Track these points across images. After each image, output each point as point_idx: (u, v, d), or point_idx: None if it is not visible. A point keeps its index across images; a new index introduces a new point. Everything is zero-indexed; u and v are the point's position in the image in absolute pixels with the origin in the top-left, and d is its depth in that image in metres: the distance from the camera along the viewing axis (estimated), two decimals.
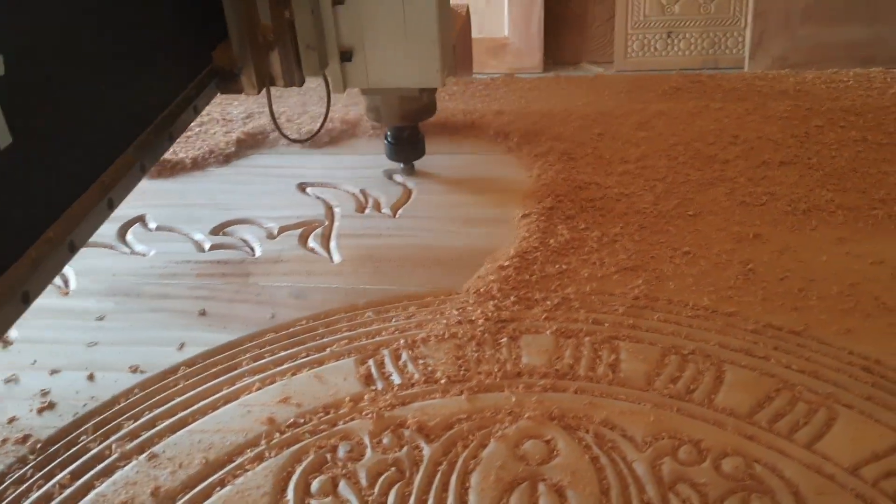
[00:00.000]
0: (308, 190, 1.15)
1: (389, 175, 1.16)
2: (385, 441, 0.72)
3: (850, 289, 0.87)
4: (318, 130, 1.13)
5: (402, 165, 1.15)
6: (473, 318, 0.85)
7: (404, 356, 0.81)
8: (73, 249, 0.63)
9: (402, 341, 0.83)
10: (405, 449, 0.71)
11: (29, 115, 0.57)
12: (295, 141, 1.08)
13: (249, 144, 1.27)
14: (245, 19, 0.86)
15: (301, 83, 0.95)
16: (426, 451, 0.71)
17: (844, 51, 3.15)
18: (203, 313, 0.89)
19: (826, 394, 0.74)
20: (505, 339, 0.83)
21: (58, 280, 0.96)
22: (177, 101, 0.81)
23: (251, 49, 0.88)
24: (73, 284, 0.97)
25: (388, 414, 0.74)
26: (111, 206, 0.69)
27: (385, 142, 1.13)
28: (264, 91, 0.92)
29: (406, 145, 1.13)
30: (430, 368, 0.80)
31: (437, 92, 1.13)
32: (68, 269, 0.97)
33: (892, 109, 1.24)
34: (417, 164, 1.15)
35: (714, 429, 0.71)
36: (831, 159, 1.11)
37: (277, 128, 1.04)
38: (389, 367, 0.80)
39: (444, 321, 0.85)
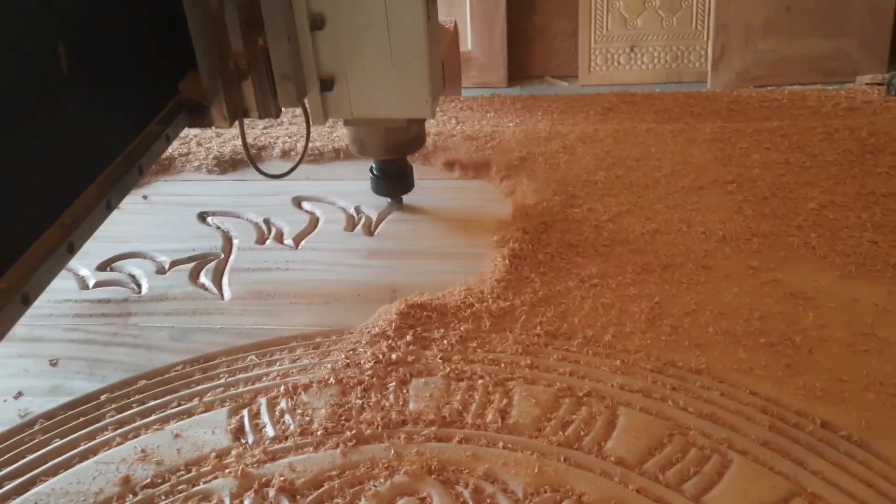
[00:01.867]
0: (209, 219, 1.09)
1: (298, 203, 1.11)
2: (246, 502, 0.66)
3: (758, 323, 0.83)
4: (297, 165, 1.02)
5: (388, 200, 1.08)
6: (362, 360, 0.80)
7: (283, 404, 0.76)
8: (26, 302, 0.58)
9: (282, 388, 0.78)
10: None
11: None
12: (270, 177, 0.98)
13: (154, 171, 1.21)
14: (214, 46, 0.80)
15: (277, 115, 0.88)
16: None
17: (807, 64, 3.15)
18: (55, 364, 0.83)
19: (720, 438, 0.70)
20: (393, 384, 0.78)
21: None
22: (143, 135, 0.76)
23: (221, 79, 0.81)
24: None
25: (255, 471, 0.69)
26: (71, 251, 0.64)
27: (371, 175, 1.06)
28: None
29: (393, 179, 1.05)
30: (307, 418, 0.74)
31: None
32: None
33: (819, 130, 1.21)
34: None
35: (600, 480, 0.67)
36: (752, 183, 1.08)
37: (253, 163, 0.95)
38: (264, 418, 0.75)
39: (330, 365, 0.80)
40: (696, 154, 1.16)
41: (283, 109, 0.89)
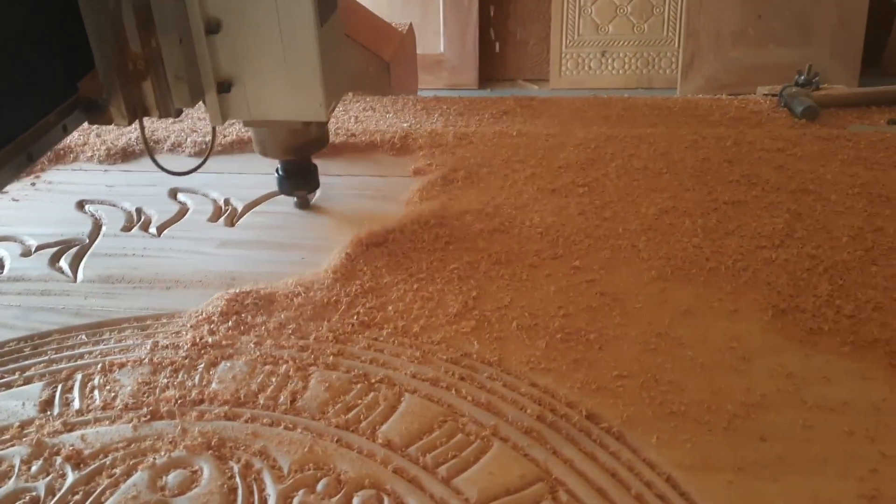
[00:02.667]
0: (86, 207, 1.14)
1: (174, 194, 1.16)
2: (34, 468, 0.71)
3: (562, 320, 0.87)
4: (201, 164, 1.03)
5: (295, 199, 1.11)
6: (181, 342, 0.85)
7: (95, 381, 0.81)
8: None
9: (98, 366, 0.83)
10: (49, 476, 0.70)
11: None
12: (174, 173, 0.99)
13: (50, 159, 1.27)
14: (112, 46, 0.82)
15: (178, 114, 0.89)
16: (69, 479, 0.70)
17: (776, 73, 3.16)
18: None
19: (489, 425, 0.74)
20: (203, 365, 0.83)
21: None
22: (38, 125, 0.79)
23: (119, 78, 0.83)
24: None
25: (50, 440, 0.74)
26: None
27: (276, 175, 1.08)
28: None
29: (297, 177, 1.08)
30: (113, 394, 0.79)
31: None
32: None
33: (687, 138, 1.25)
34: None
35: (364, 460, 0.71)
36: (603, 188, 1.12)
37: (153, 160, 0.96)
38: (75, 393, 0.80)
39: (150, 345, 0.85)
40: (562, 158, 1.20)
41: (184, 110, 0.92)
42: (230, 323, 0.88)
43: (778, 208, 1.04)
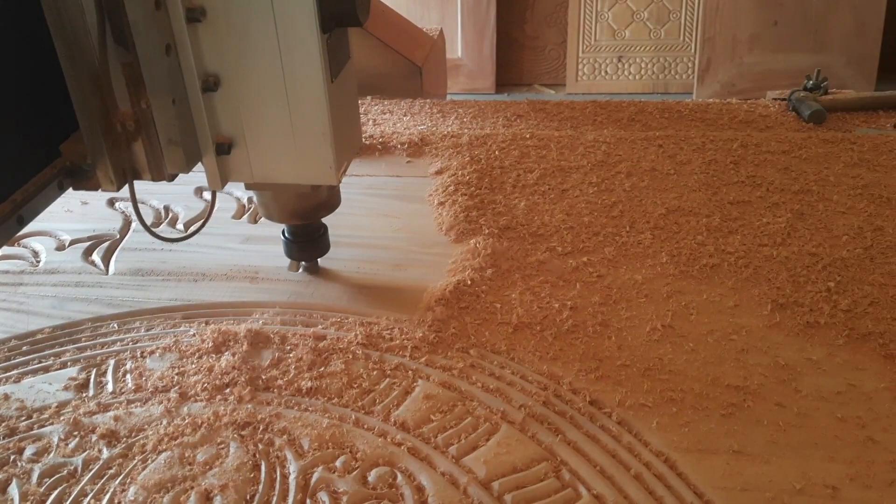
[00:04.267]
0: (116, 205, 1.20)
1: (199, 192, 1.21)
2: (70, 445, 0.76)
3: (569, 312, 0.91)
4: (199, 229, 0.96)
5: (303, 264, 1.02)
6: (207, 333, 0.90)
7: (128, 366, 0.86)
8: None
9: (129, 352, 0.88)
10: (85, 452, 0.75)
11: None
12: (167, 240, 0.93)
13: None
14: (97, 106, 0.74)
15: (172, 178, 0.81)
16: (104, 454, 0.75)
17: (791, 78, 3.19)
18: None
19: (497, 409, 0.78)
20: (229, 354, 0.87)
21: None
22: (30, 183, 0.73)
23: (106, 140, 0.75)
24: None
25: (86, 420, 0.79)
26: None
27: (282, 237, 0.99)
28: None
29: (306, 243, 0.98)
30: (144, 378, 0.84)
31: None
32: None
33: (695, 140, 1.29)
34: None
35: (378, 440, 0.76)
36: (611, 188, 1.16)
37: (145, 226, 0.86)
38: (108, 377, 0.85)
39: (174, 333, 0.90)
40: (572, 159, 1.24)
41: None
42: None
43: (781, 208, 1.08)
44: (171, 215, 1.16)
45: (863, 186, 1.11)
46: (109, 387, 0.84)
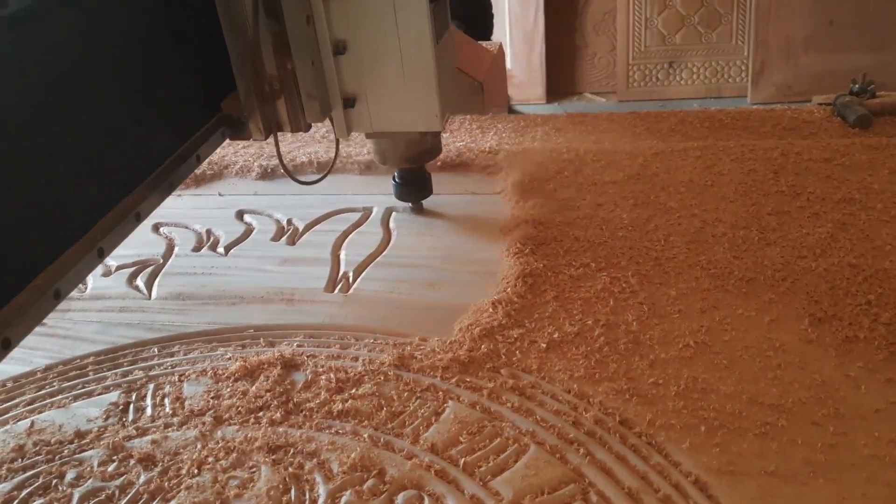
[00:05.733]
0: (161, 230, 1.23)
1: (240, 215, 1.24)
2: (110, 469, 0.79)
3: (602, 329, 0.90)
4: (326, 174, 1.13)
5: (409, 205, 1.21)
6: (242, 356, 0.92)
7: (166, 390, 0.89)
8: (57, 297, 0.67)
9: (168, 376, 0.90)
10: (122, 478, 0.78)
11: (22, 163, 0.62)
12: (303, 183, 1.08)
13: None
14: (251, 70, 0.92)
15: (307, 129, 1.00)
16: (142, 477, 0.77)
17: (849, 78, 3.12)
18: None
19: (526, 430, 0.78)
20: (263, 377, 0.89)
21: None
22: (178, 151, 0.88)
23: (257, 98, 0.94)
24: None
25: (128, 444, 0.81)
26: (101, 255, 0.74)
27: (393, 182, 1.19)
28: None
29: (413, 186, 1.18)
30: (180, 401, 0.86)
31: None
32: None
33: (734, 150, 1.27)
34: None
35: (407, 463, 0.76)
36: (646, 201, 1.15)
37: (286, 171, 1.04)
38: (147, 401, 0.87)
39: (211, 357, 0.92)
40: (608, 173, 1.23)
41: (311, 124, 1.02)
42: (301, 337, 0.95)
43: (822, 218, 1.05)
44: (212, 238, 1.19)
45: None
46: (148, 411, 0.86)
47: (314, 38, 0.95)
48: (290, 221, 1.22)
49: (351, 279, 1.06)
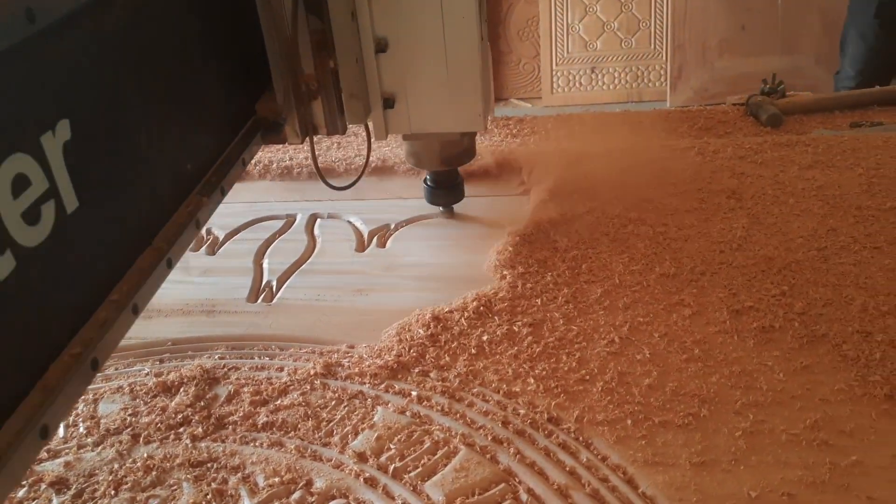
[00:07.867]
0: None
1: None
2: (19, 494, 0.75)
3: (529, 331, 0.90)
4: (358, 178, 1.08)
5: (441, 209, 1.17)
6: (160, 371, 0.89)
7: (80, 409, 0.85)
8: (136, 312, 0.63)
9: (90, 396, 0.86)
10: (35, 503, 0.74)
11: (88, 181, 0.58)
12: (336, 188, 1.04)
13: None
14: (289, 70, 0.87)
15: (344, 131, 0.95)
16: (54, 502, 0.74)
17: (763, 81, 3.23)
18: None
19: (456, 433, 0.78)
20: (183, 392, 0.86)
21: None
22: (224, 156, 0.82)
23: (294, 99, 0.89)
24: None
25: (38, 468, 0.78)
26: (170, 266, 0.70)
27: (424, 186, 1.14)
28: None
29: (446, 189, 1.14)
30: (95, 420, 0.83)
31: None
32: None
33: (653, 149, 1.29)
34: None
35: (335, 472, 0.75)
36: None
37: (321, 176, 1.00)
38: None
39: (127, 373, 0.89)
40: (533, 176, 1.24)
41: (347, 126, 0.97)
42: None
43: (737, 213, 1.08)
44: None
45: (817, 188, 1.12)
46: (60, 432, 0.82)
47: (356, 36, 0.90)
48: (209, 231, 1.18)
49: (274, 288, 1.04)
